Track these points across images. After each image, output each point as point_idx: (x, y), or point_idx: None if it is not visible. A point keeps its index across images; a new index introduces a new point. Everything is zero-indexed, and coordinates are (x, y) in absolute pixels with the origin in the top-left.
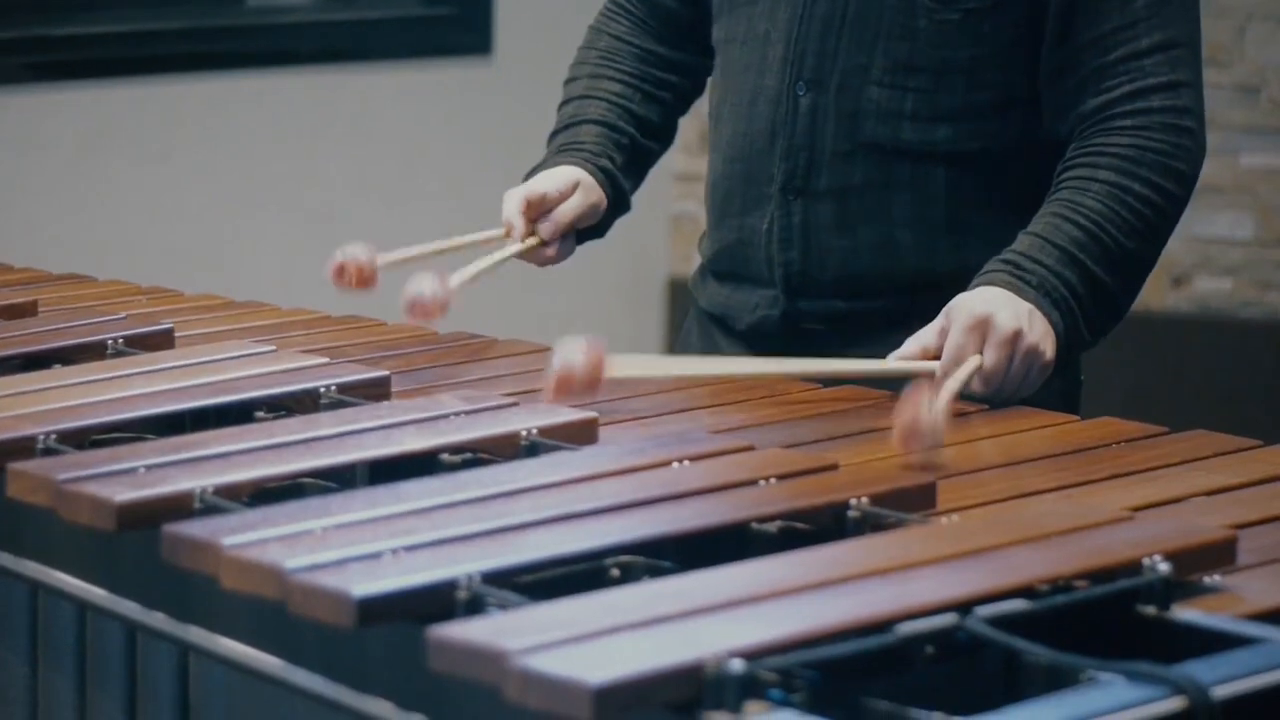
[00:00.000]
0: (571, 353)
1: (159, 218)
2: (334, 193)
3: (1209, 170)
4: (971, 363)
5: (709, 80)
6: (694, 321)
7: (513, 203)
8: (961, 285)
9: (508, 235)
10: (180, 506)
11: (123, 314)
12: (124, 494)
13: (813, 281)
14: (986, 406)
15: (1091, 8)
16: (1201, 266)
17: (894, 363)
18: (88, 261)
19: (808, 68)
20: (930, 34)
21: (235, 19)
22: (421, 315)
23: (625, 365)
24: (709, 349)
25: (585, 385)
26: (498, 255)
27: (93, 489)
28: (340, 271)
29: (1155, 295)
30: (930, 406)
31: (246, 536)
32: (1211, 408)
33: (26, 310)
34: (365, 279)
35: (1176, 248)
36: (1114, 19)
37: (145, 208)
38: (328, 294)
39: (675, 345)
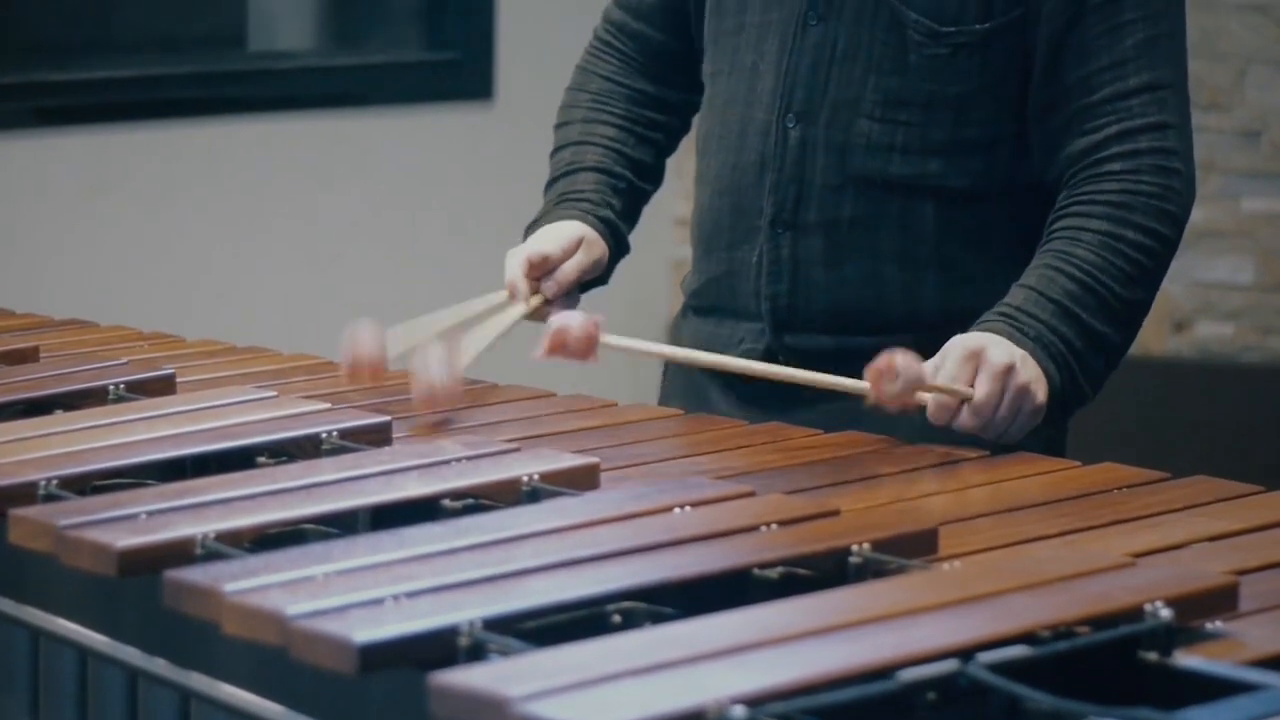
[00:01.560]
0: (569, 315)
1: (161, 263)
2: (337, 237)
3: (1210, 214)
4: (963, 391)
5: (697, 115)
6: (670, 364)
7: (515, 265)
8: (948, 326)
9: (512, 298)
10: (182, 552)
11: (124, 359)
12: (125, 540)
13: (800, 315)
14: (988, 453)
15: (1079, 47)
16: (1203, 311)
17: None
18: (89, 307)
19: (797, 100)
20: (920, 68)
21: (238, 64)
22: (431, 403)
23: (618, 340)
24: (692, 388)
25: (579, 346)
26: (504, 321)
27: (94, 535)
28: (354, 375)
29: (1156, 340)
30: (905, 353)
31: (248, 582)
32: (1213, 453)
33: (28, 356)
34: (377, 375)
35: (1178, 292)
36: (1102, 58)
37: (147, 253)
38: (329, 339)
39: (661, 390)
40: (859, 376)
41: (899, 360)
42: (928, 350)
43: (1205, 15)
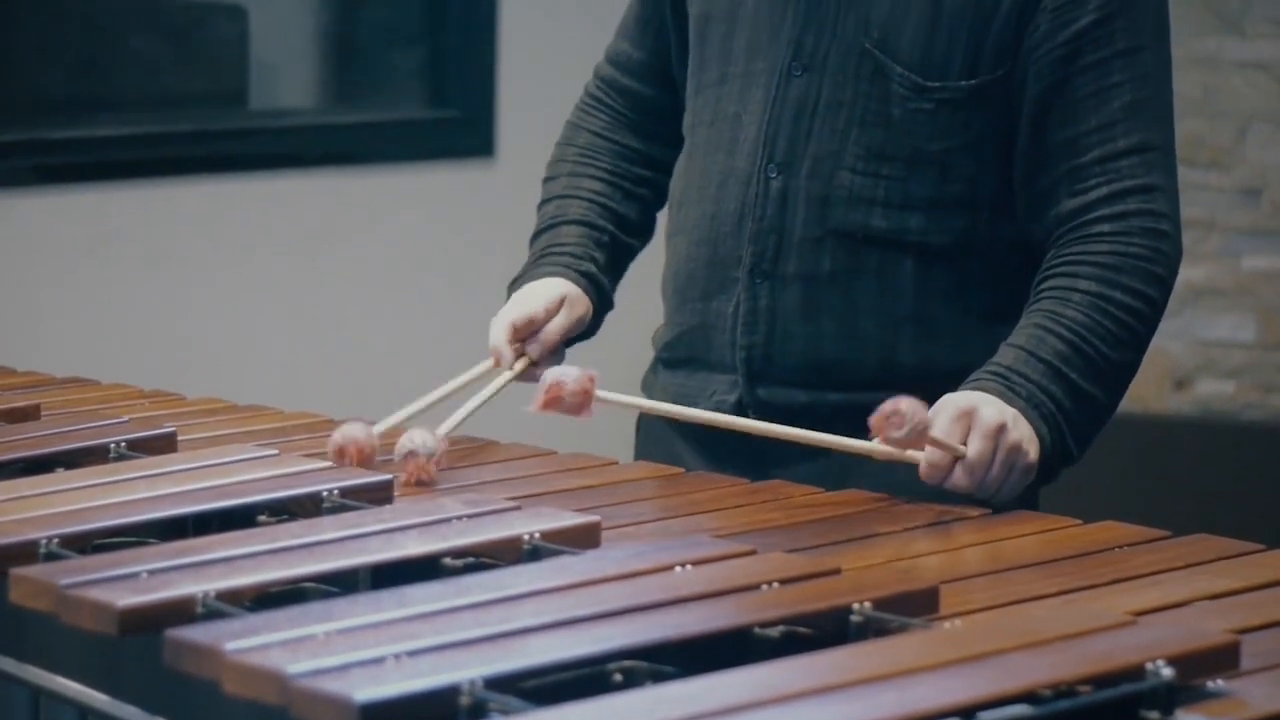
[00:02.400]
0: (564, 370)
1: (162, 321)
2: (338, 295)
3: (1211, 273)
4: (956, 446)
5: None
6: (645, 417)
7: (499, 331)
8: (924, 384)
9: (497, 365)
10: (183, 611)
11: (125, 418)
12: (126, 599)
13: (775, 366)
14: (989, 511)
15: (1068, 108)
16: (1204, 369)
17: (877, 444)
18: (90, 365)
19: (780, 150)
20: (904, 123)
21: (239, 122)
22: (417, 473)
23: (613, 396)
24: (663, 442)
25: (574, 401)
26: (491, 389)
27: (95, 594)
28: (341, 455)
29: (1157, 398)
30: (912, 400)
31: (249, 641)
32: (1214, 511)
33: (29, 414)
34: (366, 458)
35: (1179, 350)
36: (1090, 119)
37: (148, 311)
38: (330, 397)
39: (636, 447)
40: (831, 431)
41: (905, 405)
42: None
43: (1206, 73)
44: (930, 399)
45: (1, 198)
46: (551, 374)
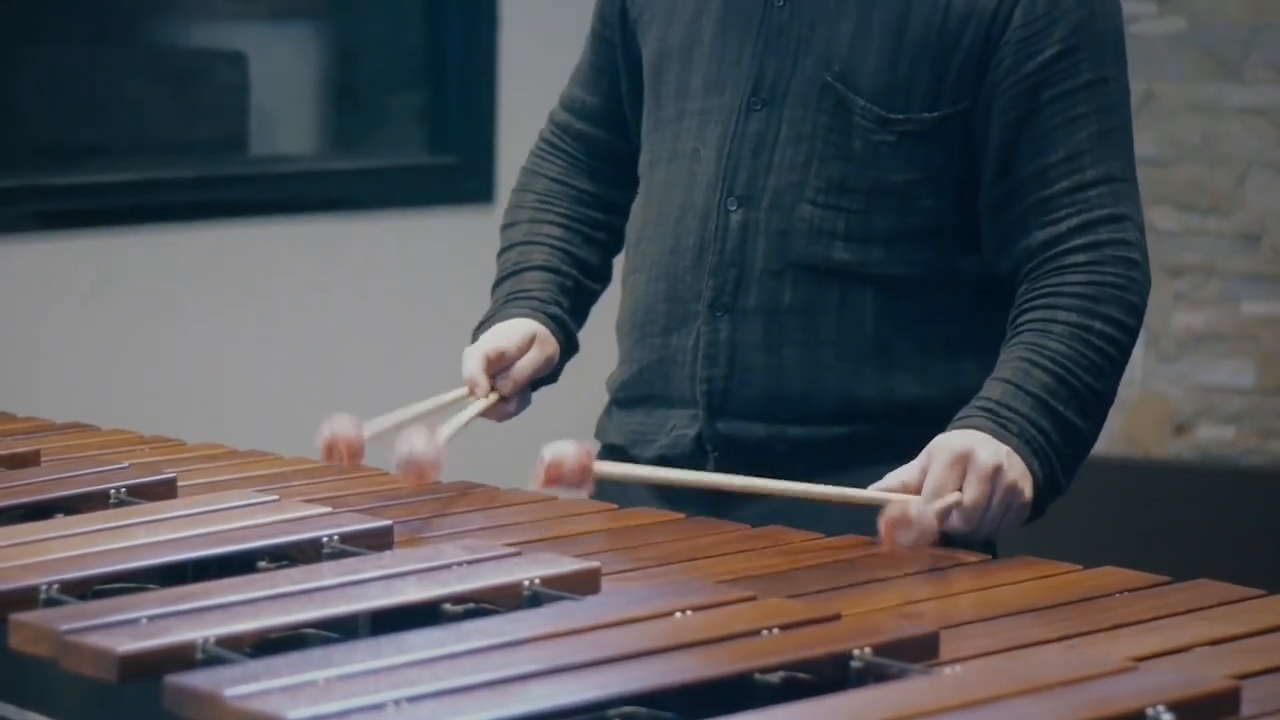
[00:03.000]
0: (562, 447)
1: (162, 367)
2: (338, 341)
3: (1211, 318)
4: (952, 497)
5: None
6: (603, 453)
7: (474, 361)
8: (883, 418)
9: (472, 394)
10: (183, 657)
11: (125, 463)
12: (126, 645)
13: (735, 400)
14: (989, 557)
15: (1035, 140)
16: (1204, 414)
17: (873, 491)
18: (91, 410)
19: (739, 184)
20: (865, 155)
21: (239, 168)
22: (417, 475)
23: (613, 467)
24: (616, 488)
25: (574, 477)
26: (464, 415)
27: (95, 640)
28: (330, 450)
29: (1157, 443)
30: (920, 502)
31: (249, 687)
32: (1215, 557)
33: (29, 460)
34: (355, 453)
35: (1179, 395)
36: (1058, 150)
37: (149, 356)
38: None
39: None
40: (790, 466)
41: (913, 510)
42: (861, 447)
43: (1206, 119)
44: (890, 432)
45: (2, 243)
46: (550, 452)
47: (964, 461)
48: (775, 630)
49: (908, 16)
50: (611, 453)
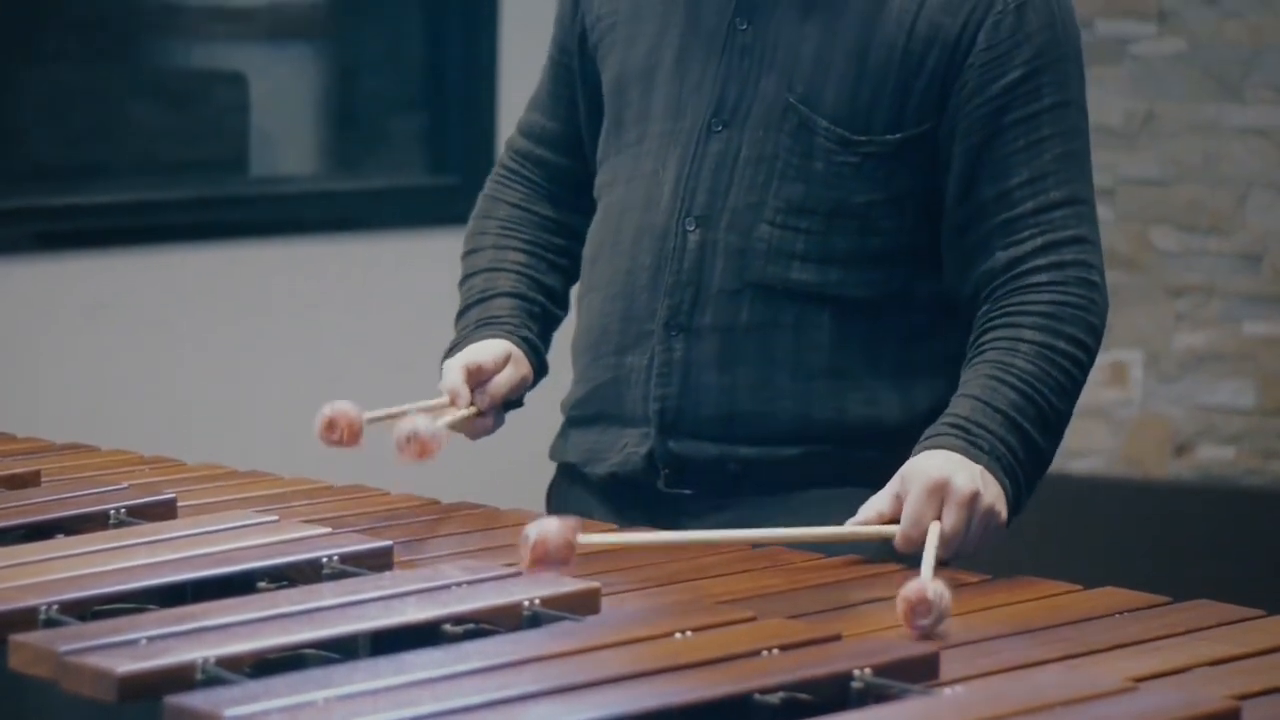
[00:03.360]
0: (545, 525)
1: (162, 387)
2: (337, 362)
3: (1211, 338)
4: (934, 529)
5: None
6: (553, 484)
7: (454, 373)
8: (837, 439)
9: (453, 404)
10: (182, 678)
11: (125, 484)
12: (126, 665)
13: (687, 419)
14: (989, 577)
15: (998, 161)
16: (1204, 435)
17: (851, 528)
18: (90, 431)
19: (698, 204)
20: (826, 176)
21: (238, 189)
22: (418, 452)
23: (596, 538)
24: (568, 507)
25: (560, 554)
26: (447, 418)
27: (94, 660)
28: (330, 425)
29: (1158, 464)
30: (935, 584)
31: (248, 708)
32: (1215, 577)
33: (29, 480)
34: (355, 433)
35: (1179, 416)
36: (1022, 173)
37: (148, 377)
38: (330, 464)
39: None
40: (739, 496)
41: (930, 593)
42: (814, 469)
43: (1207, 139)
44: (842, 453)
45: (2, 263)
46: (533, 531)
47: (941, 490)
48: (775, 650)
49: (871, 39)
50: (565, 471)
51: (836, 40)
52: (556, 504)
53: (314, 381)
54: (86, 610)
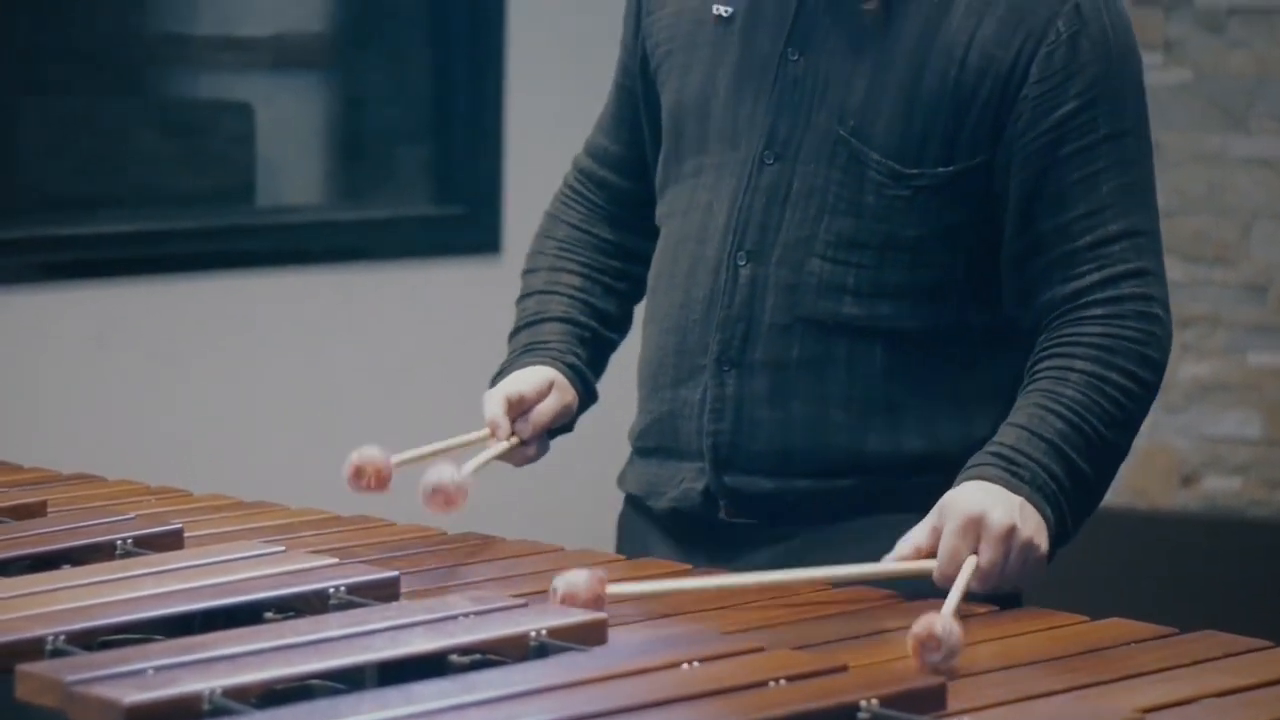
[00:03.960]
0: (574, 577)
1: (168, 417)
2: (344, 391)
3: (1217, 369)
4: (969, 564)
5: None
6: (622, 514)
7: (495, 404)
8: (891, 471)
9: (493, 435)
10: (189, 708)
11: (132, 514)
12: (133, 696)
13: (741, 454)
14: (996, 608)
15: (1055, 195)
16: (1210, 465)
17: (889, 564)
18: (97, 461)
19: (749, 239)
20: (878, 210)
21: (245, 218)
22: (444, 503)
23: (624, 588)
24: (634, 537)
25: (589, 605)
26: (485, 455)
27: (101, 690)
28: (358, 474)
29: (1164, 494)
30: (944, 619)
31: None
32: (1221, 608)
33: (35, 510)
34: (383, 480)
35: (1185, 446)
36: (1079, 206)
37: (154, 407)
38: (337, 494)
39: (617, 545)
40: (800, 524)
41: (939, 629)
42: (870, 497)
43: (1212, 169)
44: (902, 490)
45: (7, 294)
46: (562, 583)
47: (978, 525)
48: (782, 681)
49: (922, 71)
50: (631, 501)
51: (888, 72)
52: (625, 533)
53: (320, 411)
54: (93, 640)
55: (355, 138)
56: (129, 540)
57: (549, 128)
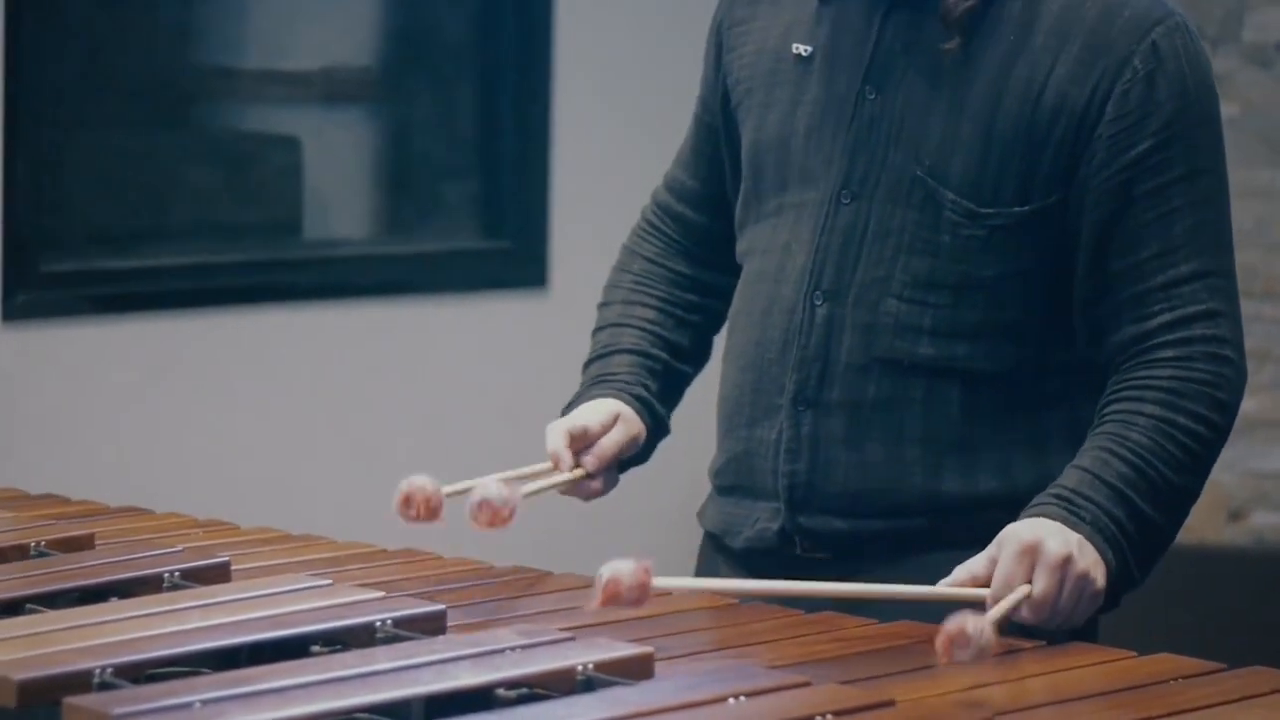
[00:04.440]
0: (619, 566)
1: (216, 450)
2: (391, 426)
3: (1264, 404)
4: (1020, 590)
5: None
6: (701, 549)
7: (557, 436)
8: (966, 511)
9: (555, 468)
10: None
11: (179, 547)
12: None
13: (817, 494)
14: (1044, 642)
15: (1128, 234)
16: (1258, 501)
17: (943, 589)
18: (145, 493)
19: (826, 279)
20: (954, 250)
21: (293, 252)
22: (490, 519)
23: (669, 581)
24: (711, 572)
25: (633, 594)
26: (547, 482)
27: None
28: (407, 502)
29: (1212, 529)
30: (978, 618)
31: None
32: (1269, 643)
33: (84, 543)
34: (432, 509)
35: (1232, 482)
36: (1151, 246)
37: (202, 440)
38: (384, 527)
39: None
40: (873, 560)
41: (970, 627)
42: (943, 534)
43: (1260, 204)
44: (975, 526)
45: (57, 328)
46: (607, 571)
47: (1033, 553)
48: (829, 716)
49: (997, 110)
50: (709, 538)
51: (963, 111)
52: (702, 569)
53: (367, 444)
54: (141, 673)
55: (402, 172)
56: (176, 573)
57: (596, 163)
